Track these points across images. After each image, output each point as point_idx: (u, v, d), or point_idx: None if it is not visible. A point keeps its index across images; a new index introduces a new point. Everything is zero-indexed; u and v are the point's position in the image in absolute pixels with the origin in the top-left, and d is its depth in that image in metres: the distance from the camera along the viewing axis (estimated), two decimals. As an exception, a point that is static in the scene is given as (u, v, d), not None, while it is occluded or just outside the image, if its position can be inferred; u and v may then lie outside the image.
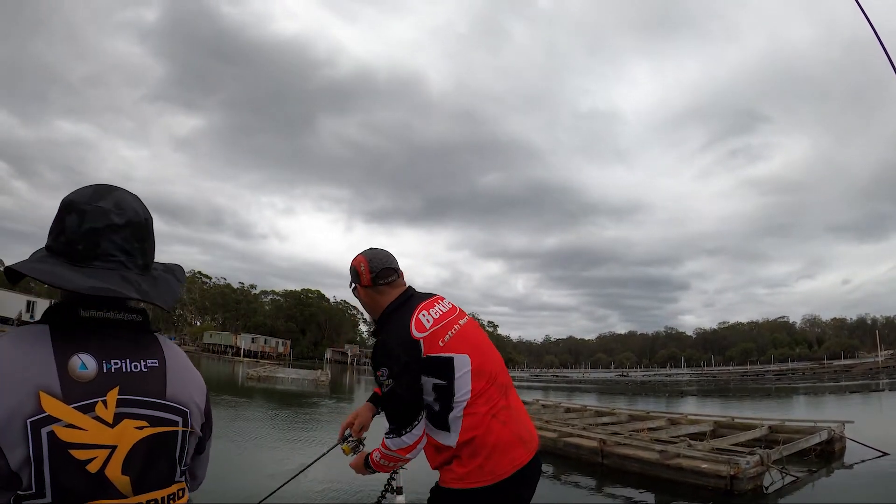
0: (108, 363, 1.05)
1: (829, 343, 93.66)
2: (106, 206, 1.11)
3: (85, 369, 1.01)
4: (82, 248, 1.08)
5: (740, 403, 24.90)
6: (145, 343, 1.14)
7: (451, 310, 2.19)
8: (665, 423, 12.02)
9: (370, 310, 2.24)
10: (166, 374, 1.13)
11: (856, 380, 40.09)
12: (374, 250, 2.28)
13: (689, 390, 36.99)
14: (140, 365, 1.09)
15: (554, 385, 48.71)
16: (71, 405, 0.97)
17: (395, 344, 2.00)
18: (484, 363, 2.08)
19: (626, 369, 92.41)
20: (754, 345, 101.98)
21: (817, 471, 8.98)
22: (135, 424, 1.04)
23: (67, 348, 1.02)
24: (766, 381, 48.94)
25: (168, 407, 1.11)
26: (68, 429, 0.96)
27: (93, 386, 1.01)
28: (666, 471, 7.90)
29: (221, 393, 21.77)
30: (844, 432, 10.44)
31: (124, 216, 1.13)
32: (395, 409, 2.00)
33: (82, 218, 1.08)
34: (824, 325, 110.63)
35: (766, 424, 10.90)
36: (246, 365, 48.28)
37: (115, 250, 1.10)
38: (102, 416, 1.00)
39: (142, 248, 1.16)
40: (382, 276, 2.20)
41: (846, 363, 61.21)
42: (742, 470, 7.16)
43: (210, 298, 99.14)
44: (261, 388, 27.75)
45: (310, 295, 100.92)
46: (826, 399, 25.71)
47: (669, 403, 26.22)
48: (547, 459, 10.04)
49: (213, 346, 74.57)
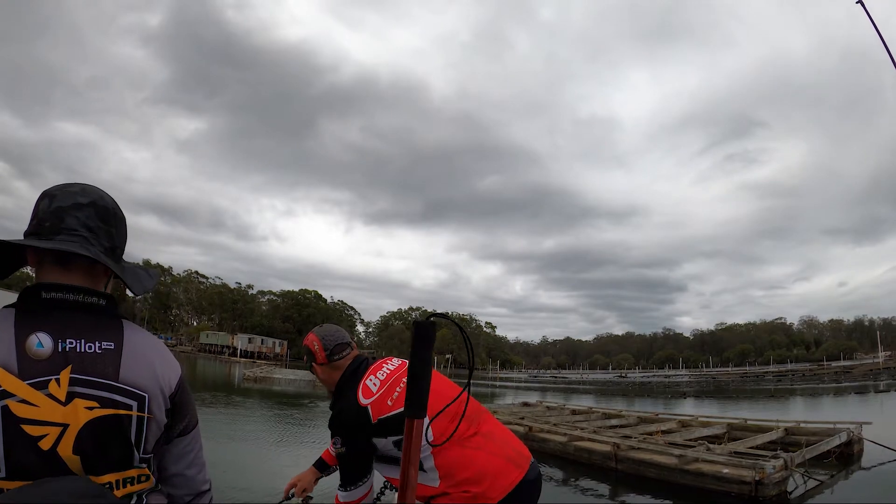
0: (64, 342, 1.06)
1: (827, 345, 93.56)
2: (73, 189, 1.18)
3: (41, 347, 1.04)
4: (49, 225, 1.13)
5: (746, 405, 24.61)
6: (105, 326, 1.14)
7: (400, 366, 2.29)
8: (676, 425, 11.68)
9: (327, 384, 2.34)
10: (121, 357, 1.12)
11: (857, 381, 39.90)
12: (325, 327, 2.40)
13: (690, 392, 36.72)
14: (95, 346, 1.09)
15: (553, 386, 48.42)
16: (25, 381, 1.00)
17: (346, 415, 2.15)
18: (441, 405, 2.00)
19: (624, 370, 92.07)
20: (752, 346, 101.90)
21: (838, 473, 8.70)
22: (85, 404, 1.05)
23: (27, 327, 1.05)
24: (766, 382, 48.79)
25: (121, 390, 1.10)
26: (21, 404, 0.99)
27: (47, 364, 1.03)
28: (685, 476, 7.53)
29: (217, 394, 21.44)
30: (862, 433, 10.12)
31: (89, 197, 1.18)
32: (346, 470, 2.18)
33: (52, 200, 1.15)
34: (821, 327, 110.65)
35: (781, 426, 10.57)
36: (242, 365, 47.93)
37: (78, 226, 1.14)
38: (55, 393, 1.03)
39: (107, 231, 1.19)
40: (336, 351, 2.29)
41: (846, 364, 61.05)
42: (767, 475, 6.82)
43: (207, 298, 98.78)
44: (258, 389, 27.46)
45: (307, 295, 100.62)
46: (833, 400, 25.42)
47: (673, 405, 25.94)
48: (557, 464, 9.81)
49: (210, 346, 74.46)
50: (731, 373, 68.67)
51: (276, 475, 7.63)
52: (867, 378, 42.52)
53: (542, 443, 10.10)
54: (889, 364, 51.70)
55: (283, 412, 17.78)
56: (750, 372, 66.78)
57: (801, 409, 22.12)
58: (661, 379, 63.26)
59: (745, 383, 48.42)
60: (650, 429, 11.20)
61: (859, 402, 23.69)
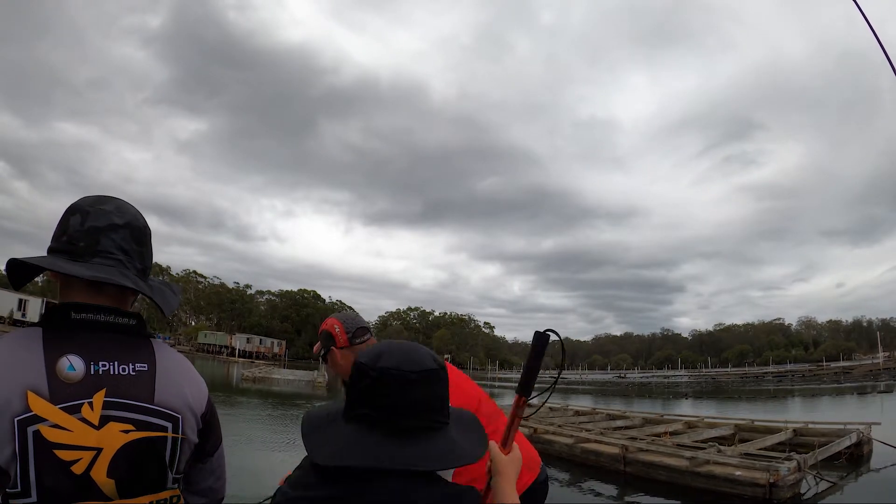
0: (96, 365, 1.04)
1: (826, 345, 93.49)
2: (108, 208, 1.15)
3: (73, 370, 1.01)
4: (83, 245, 1.10)
5: (749, 406, 24.49)
6: (137, 347, 1.13)
7: None
8: (682, 426, 11.53)
9: (343, 370, 2.19)
10: (155, 379, 1.11)
11: (858, 381, 39.82)
12: (345, 312, 2.30)
13: (690, 392, 36.60)
14: (129, 368, 1.08)
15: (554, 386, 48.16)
16: (57, 405, 0.98)
17: None
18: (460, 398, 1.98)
19: (623, 371, 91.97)
20: (750, 347, 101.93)
21: (848, 475, 8.58)
22: (120, 428, 1.03)
23: (57, 350, 1.02)
24: (766, 382, 48.73)
25: (156, 412, 1.09)
26: (54, 429, 0.97)
27: (80, 387, 1.01)
28: (696, 479, 7.38)
29: (215, 394, 21.15)
30: (871, 434, 9.99)
31: (124, 218, 1.16)
32: None
33: (85, 218, 1.12)
34: (820, 328, 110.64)
35: (790, 427, 10.43)
36: (241, 365, 47.78)
37: (114, 248, 1.12)
38: (88, 417, 1.00)
39: (140, 253, 1.18)
40: (358, 335, 2.18)
41: (845, 365, 60.94)
42: (782, 476, 6.68)
43: (205, 298, 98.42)
44: (256, 389, 27.29)
45: (305, 295, 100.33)
46: (836, 401, 25.34)
47: (674, 405, 25.82)
48: (563, 466, 9.64)
49: (208, 346, 74.07)
50: (731, 373, 68.59)
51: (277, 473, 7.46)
52: (867, 379, 42.47)
53: (548, 445, 9.94)
54: (889, 365, 51.59)
55: (283, 412, 17.60)
56: (749, 373, 66.70)
57: (806, 409, 21.99)
58: (660, 379, 63.21)
59: (745, 384, 48.36)
60: (657, 430, 11.04)
61: (863, 402, 23.61)
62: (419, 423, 0.98)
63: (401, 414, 0.97)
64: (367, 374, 0.99)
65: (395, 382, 0.97)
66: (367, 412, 0.99)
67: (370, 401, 0.99)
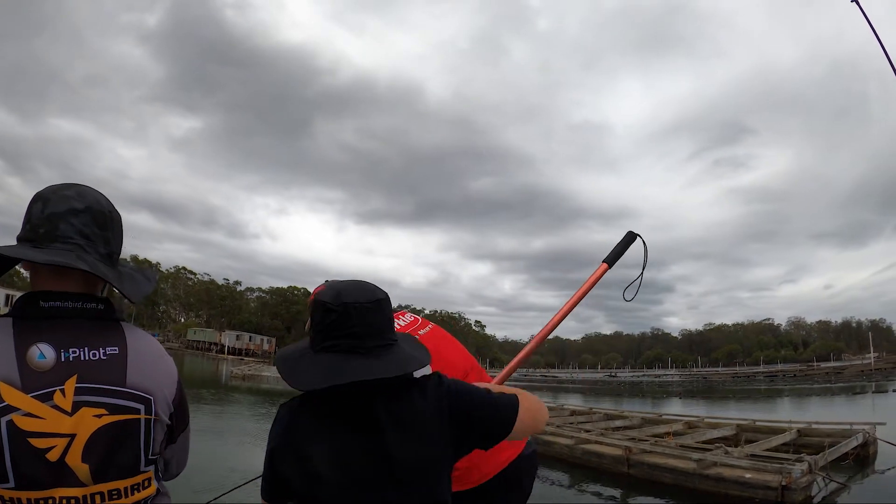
0: (67, 352, 1.04)
1: (815, 346, 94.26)
2: (69, 193, 1.14)
3: (43, 359, 1.02)
4: (43, 232, 1.10)
5: (743, 405, 24.38)
6: (107, 331, 1.12)
7: (412, 322, 2.23)
8: (683, 426, 11.28)
9: None
10: (127, 362, 1.11)
11: (850, 382, 39.93)
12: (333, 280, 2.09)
13: (682, 391, 36.50)
14: (99, 353, 1.08)
15: (545, 385, 48.03)
16: (29, 394, 0.99)
17: None
18: (445, 368, 1.93)
19: (613, 370, 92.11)
20: (740, 346, 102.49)
21: (855, 476, 8.36)
22: (93, 412, 1.03)
23: (27, 339, 1.02)
24: (757, 382, 48.84)
25: (128, 394, 1.09)
26: (27, 417, 0.97)
27: (51, 375, 1.01)
28: (704, 481, 7.10)
29: (204, 391, 20.82)
30: (877, 434, 9.78)
31: (84, 202, 1.14)
32: None
33: (45, 204, 1.11)
34: (809, 328, 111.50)
35: (794, 428, 10.19)
36: (230, 363, 47.33)
37: (73, 233, 1.11)
38: (61, 404, 1.01)
39: (104, 237, 1.16)
40: None
41: (836, 365, 61.31)
42: (794, 479, 6.41)
43: (194, 295, 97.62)
44: (245, 387, 26.89)
45: (296, 292, 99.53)
46: (831, 401, 25.23)
47: (668, 404, 25.67)
48: (563, 468, 9.31)
49: (197, 342, 73.52)
50: (722, 373, 68.75)
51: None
52: (860, 379, 42.55)
53: (547, 445, 9.63)
54: (880, 365, 51.88)
55: (272, 410, 17.23)
56: (740, 372, 66.87)
57: (803, 409, 21.86)
58: (651, 379, 63.19)
59: (737, 383, 48.44)
60: (657, 430, 10.78)
61: (859, 402, 23.53)
62: (378, 343, 1.21)
63: (363, 337, 1.20)
64: (332, 310, 1.20)
65: (357, 313, 1.20)
66: (335, 342, 1.20)
67: (338, 331, 1.20)
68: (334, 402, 1.19)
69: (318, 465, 1.15)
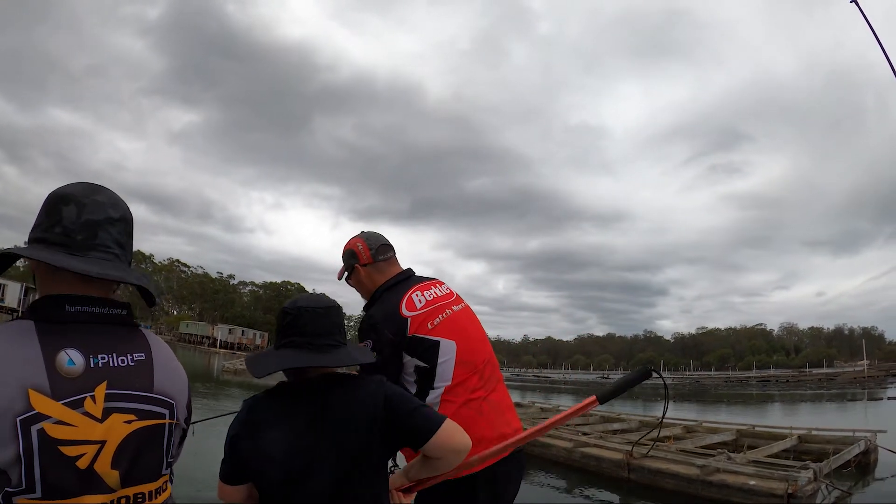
0: (96, 358, 1.03)
1: (807, 352, 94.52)
2: (102, 200, 1.13)
3: (73, 365, 0.99)
4: (81, 239, 1.08)
5: (735, 409, 24.30)
6: (131, 337, 1.13)
7: (447, 295, 2.16)
8: (681, 430, 11.12)
9: (366, 290, 2.18)
10: (153, 367, 1.12)
11: (843, 388, 40.00)
12: (368, 231, 2.27)
13: (674, 394, 36.38)
14: (127, 359, 1.08)
15: (538, 386, 47.92)
16: (60, 402, 0.96)
17: (381, 319, 2.02)
18: (470, 352, 2.04)
19: (606, 371, 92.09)
20: (732, 351, 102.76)
21: (857, 484, 8.24)
22: (123, 419, 1.03)
23: (54, 344, 1.00)
24: (750, 387, 48.89)
25: (155, 400, 1.09)
26: (58, 425, 0.95)
27: (81, 381, 0.99)
28: (707, 488, 6.93)
29: (198, 384, 20.59)
30: (877, 442, 9.67)
31: (119, 211, 1.15)
32: None
33: (81, 210, 1.09)
34: (801, 334, 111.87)
35: (794, 433, 10.07)
36: (222, 356, 46.97)
37: (111, 242, 1.11)
38: (91, 411, 0.99)
39: (130, 245, 1.18)
40: (382, 251, 2.18)
41: (828, 372, 61.49)
42: (800, 487, 6.26)
43: (188, 288, 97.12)
44: (237, 381, 26.61)
45: (290, 287, 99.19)
46: (823, 407, 25.27)
47: (660, 408, 25.50)
48: (561, 472, 9.11)
49: (190, 336, 73.24)
50: (714, 377, 68.79)
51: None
52: (853, 386, 42.66)
53: (545, 448, 9.46)
54: (872, 373, 52.01)
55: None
56: (733, 376, 66.94)
57: (798, 415, 21.83)
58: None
59: (730, 387, 48.47)
60: (656, 434, 10.62)
61: (854, 410, 23.52)
62: (328, 342, 1.48)
63: (315, 336, 1.47)
64: (289, 312, 1.50)
65: (310, 314, 1.48)
66: (292, 339, 1.47)
67: (294, 330, 1.48)
68: (289, 395, 1.47)
69: (270, 449, 1.38)
